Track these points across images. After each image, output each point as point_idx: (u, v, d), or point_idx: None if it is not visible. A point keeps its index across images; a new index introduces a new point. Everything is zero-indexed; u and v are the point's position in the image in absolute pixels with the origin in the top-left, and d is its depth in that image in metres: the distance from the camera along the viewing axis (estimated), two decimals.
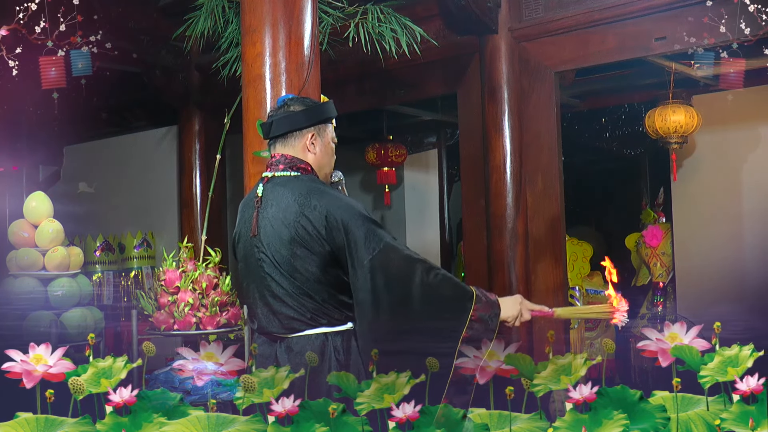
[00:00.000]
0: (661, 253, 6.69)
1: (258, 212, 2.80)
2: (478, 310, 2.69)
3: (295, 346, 2.74)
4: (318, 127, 2.87)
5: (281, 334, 2.77)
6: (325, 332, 2.74)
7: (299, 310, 2.73)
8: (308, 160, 2.85)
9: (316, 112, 2.89)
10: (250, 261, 2.84)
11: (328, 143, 2.91)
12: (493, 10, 5.03)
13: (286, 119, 2.84)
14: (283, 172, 2.82)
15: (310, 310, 2.73)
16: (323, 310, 2.73)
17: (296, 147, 2.85)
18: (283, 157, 2.84)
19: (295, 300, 2.73)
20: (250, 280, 2.86)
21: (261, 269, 2.78)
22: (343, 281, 2.74)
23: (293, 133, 2.84)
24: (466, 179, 5.45)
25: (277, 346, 2.77)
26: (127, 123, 7.90)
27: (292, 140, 2.85)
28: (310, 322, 2.74)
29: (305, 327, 2.74)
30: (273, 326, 2.78)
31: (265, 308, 2.79)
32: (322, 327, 2.74)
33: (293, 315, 2.74)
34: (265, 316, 2.80)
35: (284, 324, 2.76)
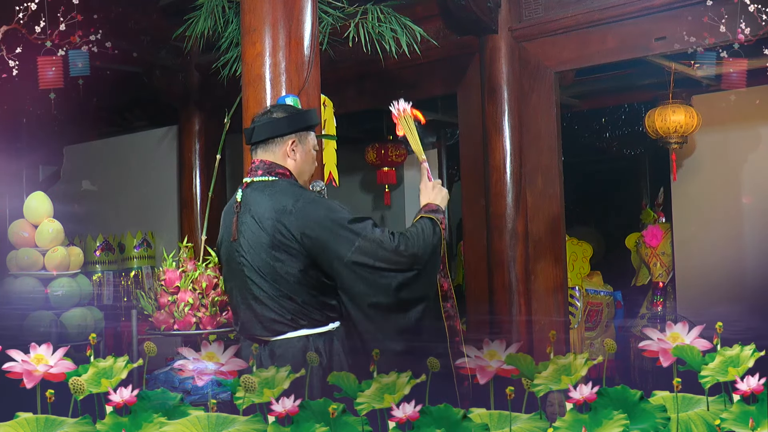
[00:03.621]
0: (660, 253, 6.69)
1: (238, 217, 2.82)
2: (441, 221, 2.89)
3: (277, 349, 2.76)
4: (300, 134, 2.89)
5: (264, 337, 2.80)
6: (307, 334, 2.76)
7: (280, 312, 2.75)
8: (288, 166, 2.87)
9: (298, 120, 2.91)
10: (232, 265, 2.87)
11: (309, 150, 2.93)
12: (493, 10, 5.03)
13: (267, 125, 2.87)
14: (261, 177, 2.84)
15: (290, 311, 2.75)
16: (304, 311, 2.75)
17: (277, 153, 2.87)
18: (262, 163, 2.87)
19: (276, 302, 2.75)
20: (233, 284, 2.89)
21: (242, 273, 2.81)
22: (323, 282, 2.77)
23: (274, 140, 2.87)
24: (466, 179, 5.45)
25: (260, 349, 2.79)
26: (127, 123, 7.90)
27: (272, 146, 2.87)
28: (291, 324, 2.75)
29: (287, 329, 2.76)
30: (256, 329, 2.81)
31: (248, 311, 2.82)
32: (303, 329, 2.76)
33: (274, 317, 2.76)
34: (248, 319, 2.83)
35: (266, 326, 2.78)
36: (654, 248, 6.70)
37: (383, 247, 2.72)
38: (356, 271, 2.71)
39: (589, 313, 6.43)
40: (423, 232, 2.80)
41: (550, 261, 5.06)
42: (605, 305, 6.60)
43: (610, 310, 6.70)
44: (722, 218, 6.21)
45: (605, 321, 6.53)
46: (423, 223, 2.84)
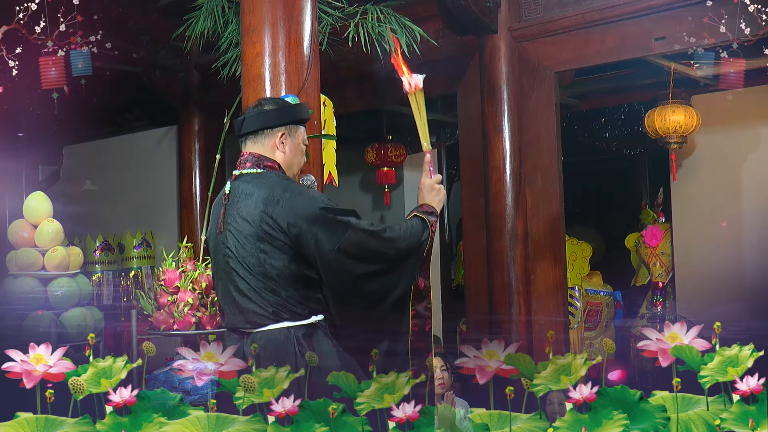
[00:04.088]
0: (660, 253, 6.69)
1: (225, 209, 2.83)
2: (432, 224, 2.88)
3: (259, 341, 2.75)
4: (289, 128, 2.90)
5: (246, 329, 2.80)
6: (288, 326, 2.75)
7: (262, 305, 2.75)
8: (277, 158, 2.88)
9: (288, 112, 2.92)
10: (218, 257, 2.87)
11: (298, 144, 2.93)
12: (492, 10, 5.03)
13: (257, 117, 2.88)
14: (250, 170, 2.85)
15: (273, 304, 2.75)
16: (286, 305, 2.75)
17: (266, 145, 2.87)
18: (251, 155, 2.87)
19: (259, 295, 2.75)
20: (218, 276, 2.89)
21: (227, 265, 2.81)
22: (307, 276, 2.76)
23: (264, 131, 2.87)
24: (466, 179, 5.45)
25: (243, 341, 2.79)
26: (127, 123, 7.89)
27: (262, 138, 2.87)
28: (272, 317, 2.75)
29: (268, 322, 2.76)
30: (238, 321, 2.81)
31: (232, 304, 2.82)
32: (284, 322, 2.76)
33: (256, 310, 2.76)
34: (231, 311, 2.83)
35: (248, 319, 2.78)
36: (654, 248, 6.70)
37: (372, 238, 2.74)
38: (342, 261, 2.71)
39: (588, 313, 6.43)
40: (412, 228, 2.83)
41: (549, 261, 5.06)
42: (605, 305, 6.61)
43: (610, 310, 6.70)
44: (722, 218, 6.21)
45: (605, 321, 6.53)
46: (414, 221, 2.86)
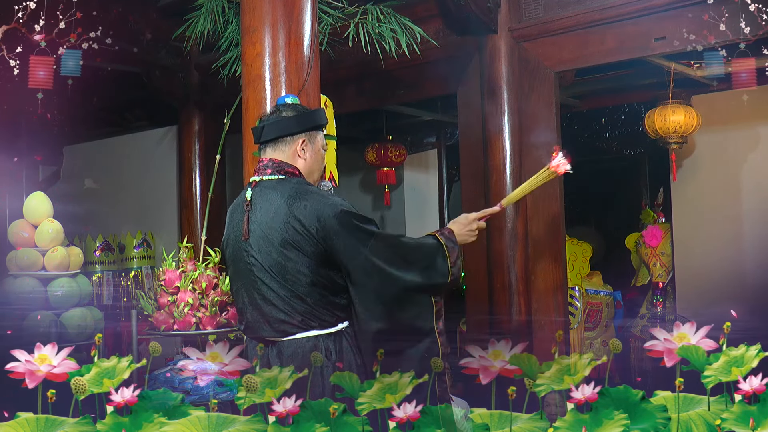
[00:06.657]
0: (660, 253, 6.69)
1: (248, 216, 2.81)
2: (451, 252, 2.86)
3: (286, 350, 2.74)
4: (309, 134, 2.90)
5: (272, 338, 2.78)
6: (316, 335, 2.74)
7: (289, 313, 2.73)
8: (298, 165, 2.88)
9: (308, 119, 2.91)
10: (239, 265, 2.85)
11: (318, 150, 2.93)
12: (492, 10, 5.03)
13: (277, 124, 2.87)
14: (270, 176, 2.84)
15: (300, 312, 2.73)
16: (314, 312, 2.74)
17: (286, 152, 2.87)
18: (271, 162, 2.86)
19: (286, 303, 2.73)
20: (239, 284, 2.87)
21: (251, 273, 2.79)
22: (335, 282, 2.76)
23: (284, 139, 2.87)
24: (466, 179, 5.45)
25: (268, 350, 2.77)
26: (127, 123, 7.89)
27: (282, 145, 2.87)
28: (301, 326, 2.74)
29: (296, 330, 2.74)
30: (263, 330, 2.79)
31: (255, 312, 2.80)
32: (313, 330, 2.75)
33: (284, 318, 2.74)
34: (255, 319, 2.81)
35: (275, 327, 2.76)
36: (654, 248, 6.70)
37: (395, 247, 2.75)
38: (369, 268, 2.70)
39: (588, 313, 6.42)
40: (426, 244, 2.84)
41: (549, 261, 5.06)
42: (605, 305, 6.60)
43: (610, 310, 6.69)
44: (722, 218, 6.21)
45: (605, 321, 6.52)
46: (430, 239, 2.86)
